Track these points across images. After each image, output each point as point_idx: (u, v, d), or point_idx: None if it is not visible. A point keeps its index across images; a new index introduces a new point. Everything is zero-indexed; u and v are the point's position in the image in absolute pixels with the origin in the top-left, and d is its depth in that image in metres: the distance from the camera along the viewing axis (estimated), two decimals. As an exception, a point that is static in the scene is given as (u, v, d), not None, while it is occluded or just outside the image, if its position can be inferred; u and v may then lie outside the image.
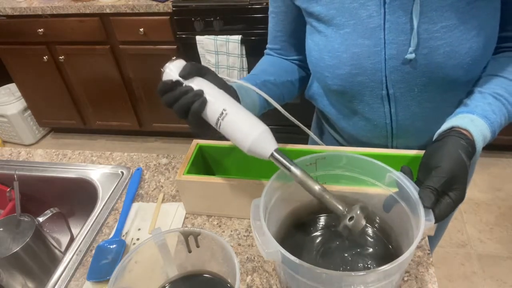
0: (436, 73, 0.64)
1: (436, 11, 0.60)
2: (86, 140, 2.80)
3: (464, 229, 1.88)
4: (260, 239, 0.49)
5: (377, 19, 0.63)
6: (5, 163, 1.00)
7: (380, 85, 0.68)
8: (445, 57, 0.62)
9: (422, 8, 0.59)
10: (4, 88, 2.64)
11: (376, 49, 0.64)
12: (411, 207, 0.54)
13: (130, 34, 2.11)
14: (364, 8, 0.63)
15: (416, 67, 0.64)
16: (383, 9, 0.62)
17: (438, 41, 0.61)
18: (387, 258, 0.59)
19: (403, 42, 0.63)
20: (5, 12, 2.18)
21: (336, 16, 0.66)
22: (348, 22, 0.65)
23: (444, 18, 0.60)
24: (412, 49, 0.62)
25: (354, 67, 0.67)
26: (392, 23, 0.62)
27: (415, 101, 0.69)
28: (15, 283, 0.83)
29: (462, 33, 0.60)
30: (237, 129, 0.56)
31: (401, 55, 0.63)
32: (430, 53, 0.62)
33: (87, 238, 0.77)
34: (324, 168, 0.63)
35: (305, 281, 0.49)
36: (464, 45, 0.61)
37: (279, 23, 0.79)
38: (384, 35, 0.63)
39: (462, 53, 0.61)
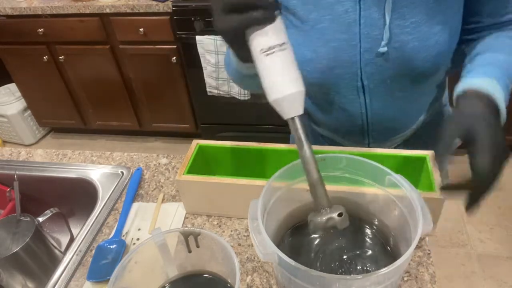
0: (406, 65, 0.68)
1: (407, 8, 0.64)
2: (86, 140, 2.80)
3: (464, 229, 1.88)
4: (257, 240, 0.49)
5: (353, 15, 0.66)
6: (5, 163, 1.00)
7: (355, 77, 0.71)
8: (414, 51, 0.66)
9: (394, 5, 0.63)
10: (4, 88, 2.64)
11: (352, 43, 0.68)
12: (409, 210, 0.54)
13: (130, 34, 2.11)
14: (340, 4, 0.66)
15: (388, 59, 0.68)
16: (358, 5, 0.65)
17: (408, 35, 0.65)
18: (386, 260, 0.59)
19: (377, 37, 0.66)
20: (5, 12, 2.18)
21: (312, 11, 0.68)
22: (324, 17, 0.67)
23: (413, 14, 0.64)
24: (384, 43, 0.66)
25: (332, 60, 0.70)
26: (366, 18, 0.66)
27: (388, 92, 0.73)
28: (15, 283, 0.83)
29: (429, 28, 0.65)
30: (281, 72, 0.49)
31: (375, 48, 0.67)
32: (400, 47, 0.66)
33: (87, 238, 0.77)
34: (323, 169, 0.62)
35: (301, 283, 0.49)
36: (432, 39, 0.65)
37: None
38: (359, 29, 0.67)
39: (430, 47, 0.66)
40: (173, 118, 2.45)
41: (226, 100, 2.12)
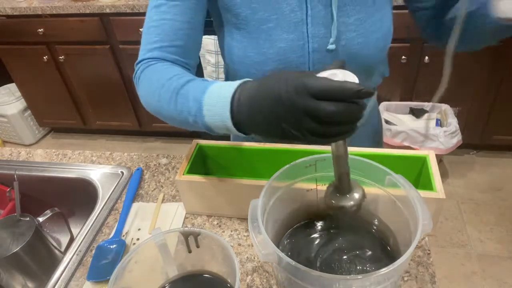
0: (353, 62, 0.69)
1: (350, 5, 0.66)
2: (86, 140, 2.80)
3: (464, 229, 1.88)
4: (257, 240, 0.49)
5: (300, 14, 0.66)
6: (5, 163, 1.00)
7: None
8: (360, 47, 0.68)
9: (339, 2, 0.65)
10: (4, 88, 2.64)
11: (299, 43, 0.68)
12: (409, 210, 0.54)
13: (130, 34, 2.11)
14: (285, 2, 0.66)
15: (336, 57, 0.69)
16: (305, 4, 0.65)
17: (353, 32, 0.67)
18: (386, 260, 0.59)
19: (324, 35, 0.67)
20: (5, 12, 2.18)
21: (258, 10, 0.66)
22: (270, 17, 0.67)
23: (356, 12, 0.66)
24: (332, 40, 0.67)
25: (281, 62, 0.69)
26: (313, 17, 0.66)
27: None
28: (15, 283, 0.83)
29: (370, 25, 0.67)
30: None
31: (323, 47, 0.68)
32: (347, 44, 0.68)
33: (87, 238, 0.77)
34: (323, 169, 0.63)
35: (301, 283, 0.48)
36: (372, 35, 0.68)
37: (188, 12, 0.65)
38: (307, 29, 0.67)
39: (371, 43, 0.69)
40: (173, 118, 2.44)
41: (226, 100, 2.12)
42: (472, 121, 2.10)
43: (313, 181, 0.63)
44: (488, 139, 2.15)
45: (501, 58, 1.86)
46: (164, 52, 0.65)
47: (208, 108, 0.53)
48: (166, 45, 0.65)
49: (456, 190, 2.09)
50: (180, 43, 0.66)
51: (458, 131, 1.96)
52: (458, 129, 1.96)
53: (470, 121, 2.10)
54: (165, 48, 0.65)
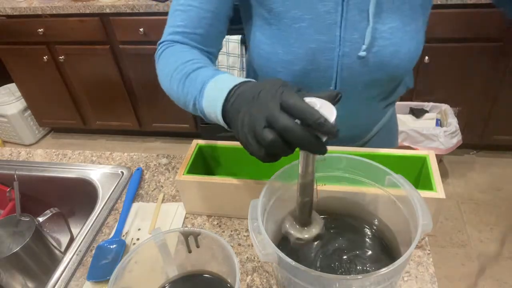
0: (380, 71, 0.68)
1: (386, 12, 0.64)
2: (86, 140, 2.80)
3: (464, 229, 1.88)
4: (257, 240, 0.49)
5: (335, 16, 0.64)
6: (5, 163, 1.00)
7: (329, 82, 0.70)
8: (390, 56, 0.66)
9: (376, 8, 0.63)
10: (4, 88, 2.64)
11: (331, 45, 0.66)
12: (409, 210, 0.54)
13: (130, 34, 2.11)
14: (322, 3, 0.64)
15: (366, 65, 0.67)
16: (341, 7, 0.64)
17: (386, 40, 0.65)
18: (386, 260, 0.59)
19: (356, 40, 0.65)
20: (5, 12, 2.18)
21: (292, 8, 0.65)
22: (304, 16, 0.65)
23: (391, 20, 0.64)
24: (365, 47, 0.65)
25: (309, 63, 0.68)
26: (348, 21, 0.64)
27: (355, 99, 0.73)
28: (15, 283, 0.83)
29: (404, 34, 0.65)
30: None
31: (354, 52, 0.66)
32: (378, 52, 0.66)
33: (87, 238, 0.77)
34: (323, 169, 0.63)
35: (301, 283, 0.49)
36: (405, 46, 0.66)
37: (214, 2, 0.67)
38: (340, 32, 0.65)
39: (403, 53, 0.66)
40: (173, 118, 2.44)
41: (226, 100, 2.12)
42: (472, 121, 2.10)
43: (313, 181, 0.63)
44: (488, 139, 2.15)
45: (501, 58, 1.87)
46: (186, 38, 0.67)
47: (208, 91, 0.54)
48: (189, 31, 0.67)
49: (456, 190, 2.09)
50: (202, 31, 0.67)
51: (458, 131, 1.96)
52: (458, 129, 1.96)
53: (470, 121, 2.10)
54: (187, 35, 0.67)
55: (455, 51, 1.88)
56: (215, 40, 0.70)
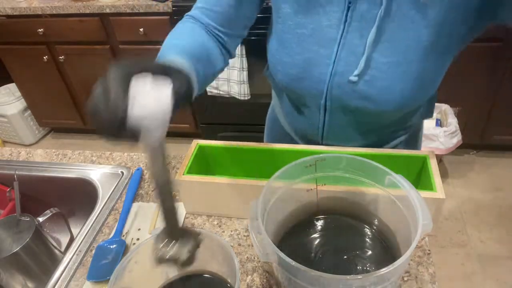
0: (369, 101, 0.66)
1: (388, 43, 0.61)
2: (86, 140, 2.80)
3: (464, 229, 1.88)
4: (257, 240, 0.49)
5: (335, 32, 0.64)
6: (5, 163, 1.00)
7: (320, 95, 0.70)
8: (381, 90, 0.64)
9: (377, 37, 0.61)
10: (4, 88, 2.63)
11: (326, 60, 0.66)
12: (409, 210, 0.54)
13: (130, 34, 2.11)
14: (326, 16, 0.63)
15: (355, 90, 0.66)
16: (343, 25, 0.63)
17: (381, 73, 0.63)
18: (386, 260, 0.59)
19: (351, 63, 0.64)
20: (5, 12, 2.18)
21: (298, 13, 0.65)
22: (308, 24, 0.65)
23: (391, 53, 0.62)
24: (357, 72, 0.64)
25: (304, 71, 0.68)
26: (347, 41, 0.64)
27: (347, 117, 0.72)
28: (15, 283, 0.83)
29: (402, 72, 0.62)
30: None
31: (346, 74, 0.65)
32: (370, 81, 0.64)
33: (87, 238, 0.77)
34: (323, 169, 0.63)
35: (301, 283, 0.49)
36: (399, 84, 0.63)
37: None
38: (337, 49, 0.65)
39: (395, 91, 0.64)
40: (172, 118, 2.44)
41: (226, 100, 2.12)
42: (472, 121, 2.10)
43: (313, 181, 0.63)
44: (488, 139, 2.15)
45: (502, 58, 1.87)
46: (203, 14, 0.68)
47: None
48: (206, 7, 0.68)
49: (456, 190, 2.09)
50: (220, 9, 0.68)
51: (458, 131, 1.96)
52: (458, 129, 1.96)
53: (470, 121, 2.10)
54: (204, 11, 0.68)
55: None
56: (236, 23, 0.70)
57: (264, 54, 0.86)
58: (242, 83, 1.98)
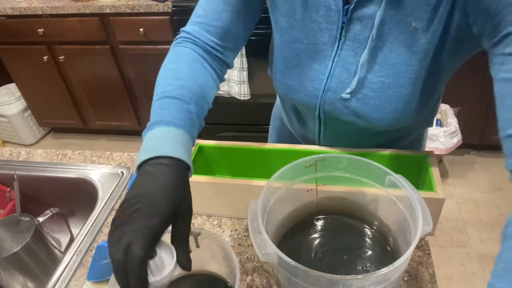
0: (362, 119, 0.67)
1: (381, 66, 0.62)
2: (86, 140, 2.80)
3: (464, 229, 1.88)
4: (257, 240, 0.49)
5: (330, 50, 0.64)
6: (5, 163, 1.00)
7: (314, 107, 0.70)
8: (372, 109, 0.65)
9: (370, 57, 0.61)
10: (4, 88, 2.63)
11: (321, 76, 0.67)
12: (409, 210, 0.54)
13: (130, 34, 2.11)
14: (321, 33, 0.64)
15: (347, 106, 0.67)
16: (337, 43, 0.63)
17: (373, 92, 0.64)
18: (386, 260, 0.59)
19: (345, 81, 0.65)
20: (5, 12, 2.18)
21: (294, 28, 0.65)
22: (303, 39, 0.66)
23: (384, 75, 0.62)
24: (349, 90, 0.64)
25: (298, 83, 0.69)
26: (341, 58, 0.64)
27: (341, 130, 0.73)
28: (15, 283, 0.83)
29: (394, 93, 0.63)
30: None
31: (339, 91, 0.66)
32: (362, 100, 0.65)
33: (87, 238, 0.77)
34: (323, 169, 0.63)
35: (301, 283, 0.49)
36: (392, 104, 0.64)
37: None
38: (331, 66, 0.65)
39: (388, 111, 0.64)
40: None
41: (226, 100, 2.12)
42: (472, 121, 2.10)
43: (313, 181, 0.63)
44: (488, 139, 2.15)
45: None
46: (202, 30, 0.66)
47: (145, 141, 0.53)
48: (206, 23, 0.66)
49: (456, 190, 2.09)
50: (220, 24, 0.66)
51: (458, 131, 1.96)
52: (458, 129, 1.96)
53: (470, 121, 2.10)
54: (204, 26, 0.66)
55: (455, 51, 1.88)
56: (235, 36, 0.69)
57: (264, 54, 0.87)
58: (242, 83, 1.98)
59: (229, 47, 0.68)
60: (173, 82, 0.59)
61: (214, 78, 0.67)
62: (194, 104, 0.58)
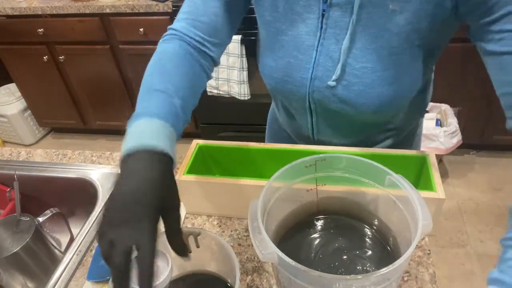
0: (349, 105, 0.67)
1: (361, 51, 0.63)
2: (86, 140, 2.80)
3: (464, 229, 1.88)
4: (257, 240, 0.49)
5: (313, 39, 0.65)
6: (5, 163, 1.00)
7: (304, 98, 0.71)
8: (357, 95, 0.65)
9: (351, 43, 0.62)
10: (4, 88, 2.63)
11: (306, 65, 0.67)
12: (409, 210, 0.54)
13: (130, 34, 2.11)
14: (304, 24, 0.65)
15: (334, 94, 0.67)
16: (319, 32, 0.64)
17: (356, 78, 0.64)
18: (386, 260, 0.59)
19: (329, 68, 0.66)
20: (5, 12, 2.18)
21: (278, 20, 0.67)
22: (287, 31, 0.67)
23: (366, 60, 0.63)
24: (334, 78, 0.65)
25: (286, 75, 0.70)
26: (324, 47, 0.65)
27: (332, 118, 0.73)
28: (15, 283, 0.83)
29: (377, 78, 0.64)
30: None
31: (325, 79, 0.67)
32: (347, 86, 0.65)
33: (87, 238, 0.77)
34: (323, 169, 0.63)
35: (301, 283, 0.49)
36: (376, 89, 0.64)
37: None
38: (315, 55, 0.66)
39: (373, 96, 0.65)
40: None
41: (226, 100, 2.12)
42: (472, 121, 2.10)
43: (313, 181, 0.63)
44: (488, 139, 2.15)
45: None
46: (189, 25, 0.66)
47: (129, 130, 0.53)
48: (193, 18, 0.66)
49: (456, 190, 2.09)
50: (207, 19, 0.66)
51: (458, 131, 1.96)
52: (458, 129, 1.96)
53: (470, 121, 2.10)
54: (191, 21, 0.66)
55: (455, 51, 1.88)
56: (221, 32, 0.69)
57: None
58: (242, 83, 1.98)
59: (216, 43, 0.68)
60: (158, 76, 0.60)
61: (201, 74, 0.67)
62: (179, 98, 0.58)
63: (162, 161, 0.48)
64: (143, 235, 0.42)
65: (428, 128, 1.95)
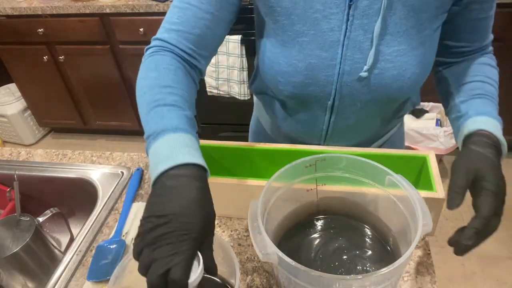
0: (381, 93, 0.67)
1: (392, 35, 0.63)
2: (86, 140, 2.80)
3: (464, 229, 1.88)
4: (257, 240, 0.49)
5: (338, 34, 0.64)
6: (5, 163, 1.00)
7: (328, 96, 0.70)
8: (392, 79, 0.65)
9: (382, 30, 0.62)
10: (4, 88, 2.63)
11: (331, 62, 0.66)
12: (409, 210, 0.54)
13: (130, 34, 2.11)
14: (326, 20, 0.63)
15: (366, 85, 0.67)
16: (345, 25, 0.63)
17: (389, 63, 0.64)
18: (386, 260, 0.59)
19: (358, 60, 0.65)
20: (5, 12, 2.18)
21: (296, 22, 0.65)
22: (308, 31, 0.65)
23: (397, 43, 0.63)
24: (367, 68, 0.64)
25: (308, 77, 0.68)
26: (351, 40, 0.64)
27: (354, 114, 0.73)
28: (15, 283, 0.83)
29: (409, 58, 0.64)
30: None
31: (355, 72, 0.66)
32: (380, 74, 0.65)
33: (87, 238, 0.77)
34: (323, 169, 0.63)
35: (301, 283, 0.49)
36: (409, 69, 0.65)
37: (214, 4, 0.65)
38: (342, 50, 0.65)
39: (406, 77, 0.66)
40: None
41: (226, 100, 2.12)
42: (472, 121, 2.10)
43: (313, 181, 0.64)
44: (488, 139, 2.15)
45: (502, 58, 1.86)
46: (180, 37, 0.65)
47: (156, 149, 0.52)
48: (184, 30, 0.65)
49: (456, 190, 2.08)
50: (198, 32, 0.65)
51: (458, 131, 1.95)
52: (458, 129, 1.95)
53: (470, 121, 2.10)
54: (182, 34, 0.65)
55: (455, 51, 1.88)
56: (211, 44, 0.69)
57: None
58: (242, 83, 1.98)
59: (204, 55, 0.68)
60: (161, 90, 0.59)
61: (193, 86, 0.66)
62: (188, 110, 0.58)
63: (201, 177, 0.48)
64: (182, 260, 0.43)
65: (428, 128, 1.95)
